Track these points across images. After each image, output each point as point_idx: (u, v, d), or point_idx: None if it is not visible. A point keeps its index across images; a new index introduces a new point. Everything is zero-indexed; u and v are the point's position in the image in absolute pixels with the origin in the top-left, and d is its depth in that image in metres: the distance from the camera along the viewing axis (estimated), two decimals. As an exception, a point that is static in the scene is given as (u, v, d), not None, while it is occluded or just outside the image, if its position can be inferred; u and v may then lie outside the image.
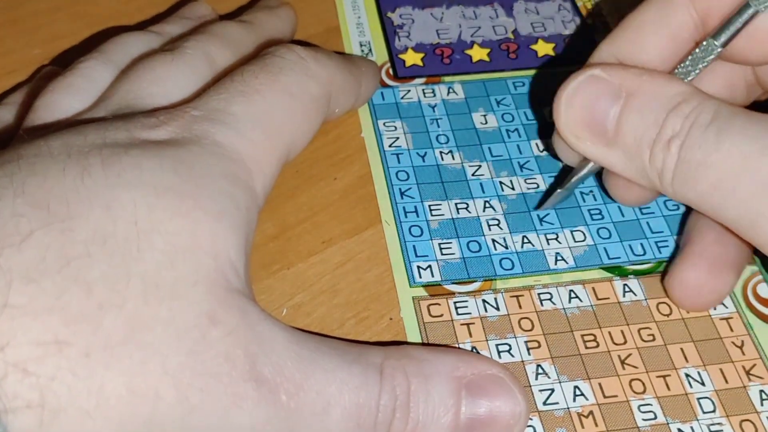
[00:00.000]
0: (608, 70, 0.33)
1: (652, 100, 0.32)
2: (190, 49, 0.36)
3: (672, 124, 0.31)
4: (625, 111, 0.33)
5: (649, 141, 0.32)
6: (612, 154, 0.33)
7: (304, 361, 0.28)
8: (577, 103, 0.34)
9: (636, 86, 0.32)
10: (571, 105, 0.34)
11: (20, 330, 0.23)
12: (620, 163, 0.33)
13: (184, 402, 0.25)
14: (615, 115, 0.33)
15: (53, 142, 0.28)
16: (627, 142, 0.33)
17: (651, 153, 0.32)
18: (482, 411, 0.30)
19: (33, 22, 0.47)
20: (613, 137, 0.33)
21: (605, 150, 0.34)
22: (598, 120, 0.33)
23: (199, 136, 0.30)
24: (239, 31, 0.39)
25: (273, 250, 0.37)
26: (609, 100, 0.33)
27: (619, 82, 0.33)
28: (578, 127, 0.34)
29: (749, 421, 0.32)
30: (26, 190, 0.26)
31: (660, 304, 0.36)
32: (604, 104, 0.33)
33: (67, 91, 0.34)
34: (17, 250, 0.24)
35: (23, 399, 0.23)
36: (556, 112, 0.34)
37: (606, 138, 0.33)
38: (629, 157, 0.33)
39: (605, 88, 0.33)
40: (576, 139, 0.34)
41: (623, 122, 0.33)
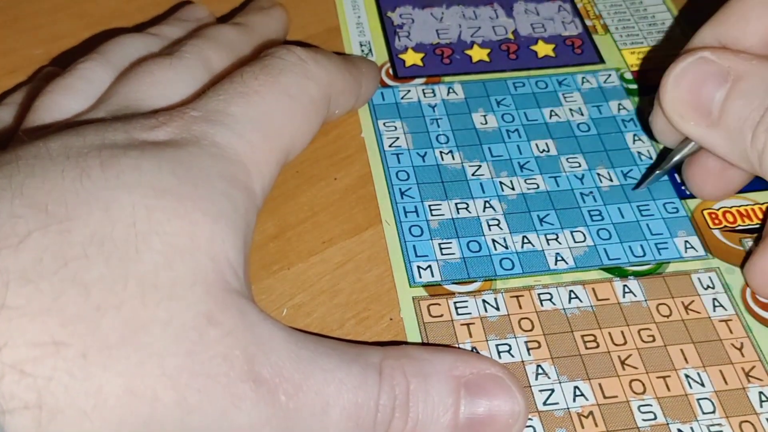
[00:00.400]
0: (718, 54, 0.34)
1: (759, 85, 0.33)
2: (187, 53, 0.36)
3: None
4: (732, 93, 0.34)
5: (752, 123, 0.33)
6: (714, 135, 0.34)
7: (302, 362, 0.28)
8: (685, 83, 0.35)
9: (744, 70, 0.34)
10: (678, 85, 0.35)
11: (17, 331, 0.23)
12: (722, 145, 0.34)
13: (182, 403, 0.25)
14: (721, 98, 0.34)
15: (52, 144, 0.28)
16: (731, 124, 0.34)
17: (753, 135, 0.33)
18: (481, 410, 0.30)
19: (34, 21, 0.47)
20: (717, 118, 0.34)
21: (708, 131, 0.35)
22: (703, 101, 0.34)
23: (197, 137, 0.30)
24: (234, 34, 0.39)
25: (273, 250, 0.37)
26: (716, 83, 0.34)
27: (728, 65, 0.34)
28: (683, 106, 0.35)
29: (749, 422, 0.32)
30: (24, 191, 0.26)
31: (660, 305, 0.36)
32: (711, 86, 0.34)
33: (65, 92, 0.35)
34: (15, 252, 0.24)
35: (21, 400, 0.23)
36: (663, 90, 0.35)
37: (710, 119, 0.34)
38: (731, 139, 0.34)
39: (714, 70, 0.34)
40: (680, 119, 0.35)
41: (729, 104, 0.34)
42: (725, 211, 0.39)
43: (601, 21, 0.49)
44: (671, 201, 0.39)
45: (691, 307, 0.36)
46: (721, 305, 0.36)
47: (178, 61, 0.35)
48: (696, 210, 0.39)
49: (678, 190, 0.40)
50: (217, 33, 0.38)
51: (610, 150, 0.42)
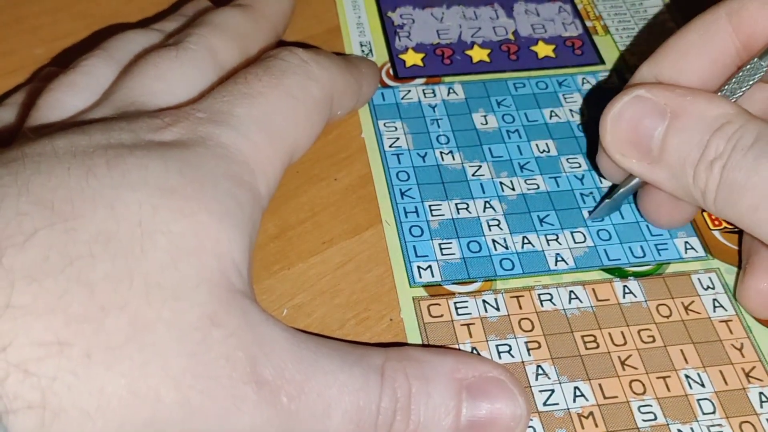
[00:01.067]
0: (653, 91, 0.34)
1: (696, 121, 0.33)
2: (192, 44, 0.36)
3: (715, 145, 0.32)
4: (670, 131, 0.33)
5: (693, 161, 0.33)
6: (657, 172, 0.34)
7: (304, 363, 0.28)
8: (623, 122, 0.35)
9: (680, 106, 0.33)
10: (616, 124, 0.35)
11: (22, 330, 0.23)
12: (665, 181, 0.34)
13: (184, 404, 0.25)
14: (660, 135, 0.34)
15: (58, 142, 0.28)
16: (672, 162, 0.34)
17: (695, 173, 0.33)
18: (483, 413, 0.30)
19: (34, 21, 0.47)
20: (658, 156, 0.34)
21: (650, 167, 0.35)
22: (643, 139, 0.34)
23: (203, 137, 0.30)
24: (240, 18, 0.38)
25: (274, 251, 0.37)
26: (654, 120, 0.34)
27: (664, 102, 0.34)
28: (624, 145, 0.35)
29: (749, 422, 0.32)
30: (31, 189, 0.26)
31: (660, 305, 0.36)
32: (649, 124, 0.34)
33: (69, 89, 0.34)
34: (20, 250, 0.24)
35: (24, 400, 0.23)
36: (602, 130, 0.35)
37: (651, 156, 0.34)
38: (674, 176, 0.34)
39: (650, 108, 0.34)
40: (622, 157, 0.35)
41: (668, 142, 0.34)
42: (725, 212, 0.39)
43: (601, 22, 0.49)
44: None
45: (691, 308, 0.36)
46: (721, 306, 0.36)
47: (183, 53, 0.35)
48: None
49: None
50: (221, 18, 0.38)
51: (610, 150, 0.42)
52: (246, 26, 0.38)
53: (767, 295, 0.35)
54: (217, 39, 0.36)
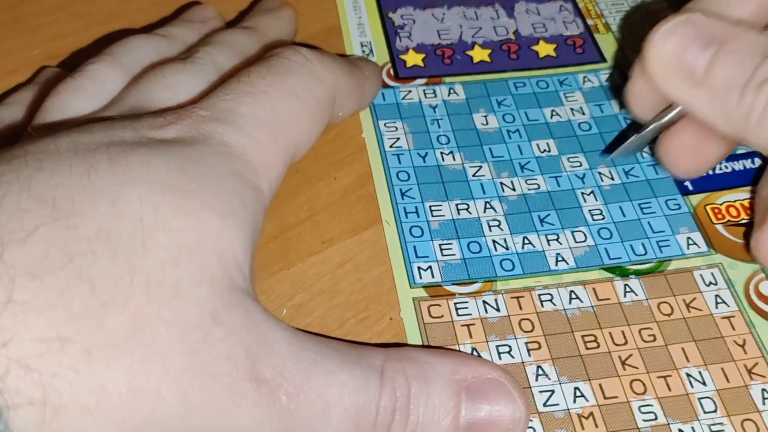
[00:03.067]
0: (705, 16, 0.34)
1: (747, 46, 0.33)
2: (200, 60, 0.36)
3: (765, 69, 0.32)
4: (720, 54, 0.33)
5: (740, 83, 0.32)
6: (698, 95, 0.34)
7: (304, 363, 0.28)
8: (671, 42, 0.34)
9: (732, 34, 0.33)
10: (664, 44, 0.34)
11: (23, 326, 0.23)
12: (705, 106, 0.34)
13: (184, 401, 0.25)
14: (707, 58, 0.33)
15: (61, 140, 0.28)
16: (716, 84, 0.33)
17: (741, 94, 0.32)
18: (482, 415, 0.30)
19: (34, 21, 0.47)
20: (702, 78, 0.33)
21: (692, 91, 0.34)
22: (689, 61, 0.33)
23: (206, 135, 0.30)
24: (245, 39, 0.39)
25: (273, 250, 0.37)
26: (703, 44, 0.33)
27: (716, 28, 0.33)
28: (668, 65, 0.34)
29: (751, 420, 0.32)
30: (32, 186, 0.26)
31: (661, 303, 0.36)
32: (698, 46, 0.33)
33: (75, 93, 0.35)
34: (22, 246, 0.24)
35: (25, 396, 0.23)
36: (647, 49, 0.35)
37: (694, 79, 0.33)
38: (716, 99, 0.33)
39: (701, 32, 0.33)
40: (662, 78, 0.34)
41: (716, 64, 0.33)
42: (728, 205, 0.39)
43: (602, 20, 0.48)
44: (673, 197, 0.39)
45: (692, 305, 0.36)
46: (723, 302, 0.36)
47: (191, 66, 0.35)
48: (698, 206, 0.39)
49: (680, 186, 0.40)
50: (227, 38, 0.38)
51: (611, 149, 0.42)
52: (250, 46, 0.39)
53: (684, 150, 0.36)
54: (223, 56, 0.37)
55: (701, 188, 0.40)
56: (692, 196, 0.40)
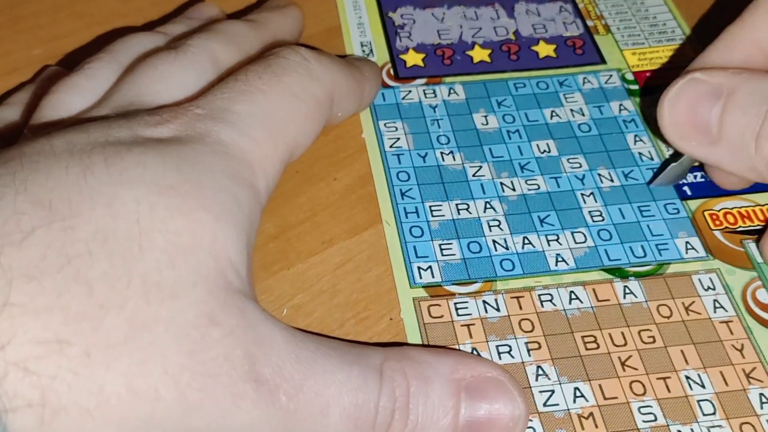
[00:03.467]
0: (708, 72, 0.35)
1: (753, 95, 0.34)
2: (193, 47, 0.36)
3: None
4: (728, 108, 0.34)
5: (753, 133, 0.33)
6: (718, 152, 0.35)
7: (303, 362, 0.28)
8: (680, 105, 0.36)
9: (736, 84, 0.34)
10: (674, 108, 0.36)
11: (21, 329, 0.23)
12: (727, 160, 0.35)
13: (183, 402, 0.25)
14: (717, 114, 0.35)
15: (56, 141, 0.28)
16: (731, 138, 0.34)
17: (756, 144, 0.33)
18: (481, 414, 0.30)
19: (34, 21, 0.47)
20: (717, 135, 0.35)
21: (711, 149, 0.35)
22: (701, 120, 0.35)
23: (202, 134, 0.30)
24: (244, 29, 0.39)
25: (273, 251, 0.37)
26: (711, 100, 0.35)
27: (720, 82, 0.35)
28: (683, 128, 0.36)
29: (749, 423, 0.32)
30: (28, 187, 0.26)
31: (660, 306, 0.36)
32: (706, 104, 0.35)
33: (72, 90, 0.35)
34: (18, 248, 0.24)
35: (24, 398, 0.23)
36: (660, 115, 0.36)
37: (710, 137, 0.35)
38: (735, 152, 0.35)
39: (706, 89, 0.35)
40: (681, 141, 0.36)
41: (726, 119, 0.34)
42: (726, 212, 0.39)
43: (602, 21, 0.48)
44: (672, 202, 0.39)
45: (691, 308, 0.36)
46: (721, 306, 0.36)
47: (183, 55, 0.35)
48: (697, 211, 0.39)
49: (679, 191, 0.40)
50: (225, 27, 0.38)
51: (611, 150, 0.42)
52: (248, 35, 0.39)
53: None
54: (218, 44, 0.37)
55: (700, 194, 0.40)
56: (691, 201, 0.40)
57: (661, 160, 0.41)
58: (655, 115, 0.37)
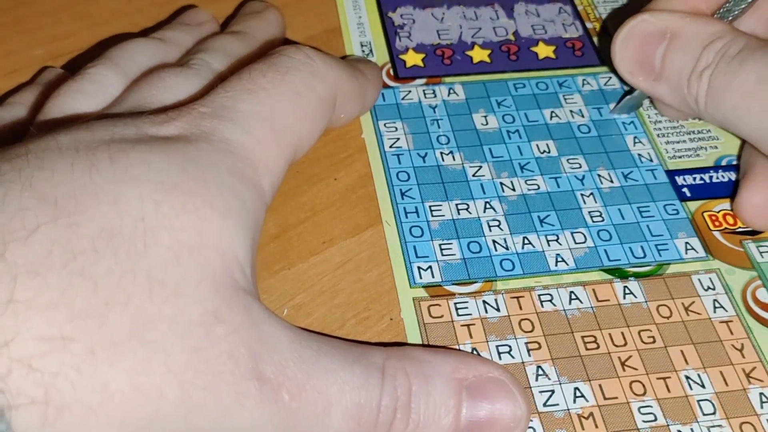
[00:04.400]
0: (656, 15, 0.39)
1: (691, 40, 0.38)
2: (196, 65, 0.36)
3: (705, 57, 0.37)
4: (669, 49, 0.39)
5: (686, 73, 0.38)
6: (660, 88, 0.40)
7: (306, 361, 0.28)
8: (630, 44, 0.40)
9: (679, 28, 0.39)
10: (624, 46, 0.40)
11: (25, 325, 0.23)
12: (667, 95, 0.40)
13: (187, 400, 0.25)
14: (661, 54, 0.39)
15: (62, 138, 0.28)
16: (671, 76, 0.39)
17: (688, 83, 0.38)
18: (483, 413, 0.30)
19: (34, 22, 0.47)
20: (660, 72, 0.39)
21: (654, 84, 0.40)
22: (647, 58, 0.40)
23: (207, 132, 0.30)
24: (237, 45, 0.39)
25: (274, 250, 0.37)
26: (656, 41, 0.39)
27: (665, 24, 0.39)
28: (631, 64, 0.40)
29: (749, 423, 0.32)
30: (34, 184, 0.26)
31: (660, 306, 0.36)
32: (652, 44, 0.39)
33: (76, 95, 0.35)
34: (23, 244, 0.24)
35: (27, 395, 0.23)
36: (612, 51, 0.41)
37: (654, 73, 0.40)
38: (673, 89, 0.39)
39: (653, 30, 0.39)
40: (630, 75, 0.41)
41: (667, 59, 0.39)
42: (725, 213, 0.39)
43: (601, 23, 0.49)
44: (671, 203, 0.39)
45: (691, 308, 0.36)
46: (721, 306, 0.36)
47: (188, 69, 0.36)
48: (696, 212, 0.39)
49: (678, 192, 0.40)
50: (220, 44, 0.39)
51: (610, 151, 0.42)
52: (241, 50, 0.39)
53: (761, 207, 0.38)
54: (217, 61, 0.37)
55: (699, 195, 0.40)
56: (690, 202, 0.40)
57: (660, 161, 0.41)
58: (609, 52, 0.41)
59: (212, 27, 0.43)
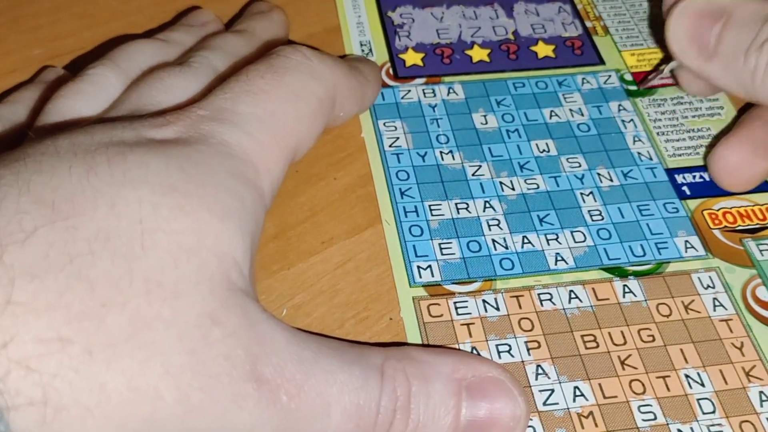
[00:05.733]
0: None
1: (751, 16, 0.38)
2: (196, 63, 0.36)
3: (765, 31, 0.37)
4: (726, 27, 0.38)
5: (744, 47, 0.37)
6: (711, 67, 0.39)
7: (305, 362, 0.28)
8: (686, 20, 0.39)
9: (736, 6, 0.38)
10: (679, 21, 0.40)
11: (23, 327, 0.23)
12: (718, 74, 0.39)
13: (184, 401, 0.25)
14: (717, 32, 0.38)
15: (60, 141, 0.28)
16: (726, 52, 0.38)
17: (746, 56, 0.37)
18: (482, 413, 0.30)
19: (34, 22, 0.47)
20: (713, 51, 0.39)
21: (706, 63, 0.39)
22: (701, 37, 0.39)
23: (206, 135, 0.30)
24: (240, 43, 0.39)
25: (273, 250, 0.37)
26: (713, 19, 0.39)
27: (722, 3, 0.38)
28: (684, 41, 0.40)
29: (749, 422, 0.32)
30: (31, 188, 0.26)
31: (660, 305, 0.36)
32: (708, 22, 0.39)
33: (76, 96, 0.35)
34: (21, 247, 0.24)
35: (26, 396, 0.23)
36: (667, 26, 0.40)
37: (707, 52, 0.39)
38: (727, 66, 0.38)
39: (711, 8, 0.39)
40: (681, 52, 0.40)
41: (724, 36, 0.38)
42: (725, 211, 0.39)
43: (601, 23, 0.49)
44: (671, 201, 0.39)
45: (691, 307, 0.36)
46: (721, 305, 0.36)
47: (188, 69, 0.36)
48: (696, 210, 0.39)
49: (678, 190, 0.40)
50: (222, 43, 0.39)
51: (610, 150, 0.42)
52: (244, 50, 0.39)
53: (730, 165, 0.39)
54: (219, 60, 0.37)
55: (698, 194, 0.40)
56: (690, 200, 0.40)
57: (660, 160, 0.41)
58: None
59: (216, 27, 0.43)
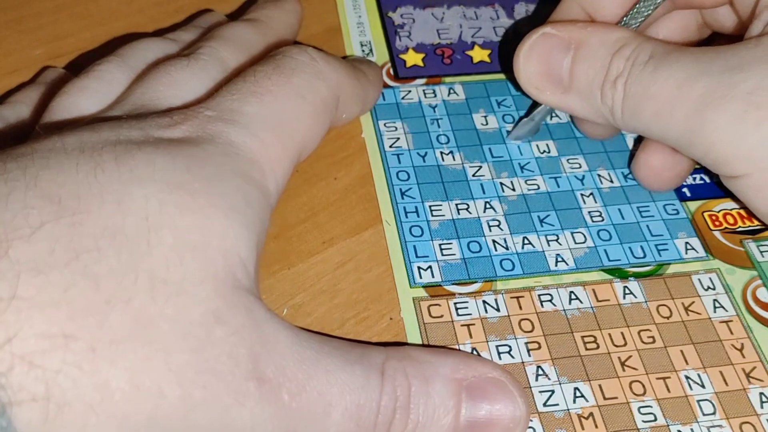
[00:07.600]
0: (557, 27, 0.38)
1: (597, 48, 0.37)
2: (204, 55, 0.36)
3: (616, 65, 0.36)
4: (576, 59, 0.37)
5: (598, 83, 0.36)
6: (570, 100, 0.38)
7: (306, 362, 0.28)
8: (534, 58, 0.38)
9: (583, 37, 0.37)
10: (528, 60, 0.38)
11: (27, 322, 0.23)
12: (578, 107, 0.38)
13: (186, 399, 0.25)
14: (568, 65, 0.37)
15: (68, 138, 0.28)
16: (581, 87, 0.37)
17: (601, 93, 0.36)
18: (482, 414, 0.30)
19: (35, 22, 0.47)
20: (568, 85, 0.38)
21: (563, 97, 0.38)
22: (554, 71, 0.38)
23: (212, 135, 0.30)
24: (250, 32, 0.39)
25: (273, 250, 0.37)
26: (561, 53, 0.37)
27: (568, 36, 0.37)
28: (537, 79, 0.38)
29: (749, 423, 0.32)
30: (38, 183, 0.26)
31: (660, 306, 0.36)
32: (557, 57, 0.38)
33: (82, 93, 0.35)
34: (27, 242, 0.24)
35: (29, 392, 0.23)
36: (516, 68, 0.39)
37: (562, 86, 0.38)
38: (585, 100, 0.37)
39: (556, 42, 0.38)
40: (537, 91, 0.39)
41: (575, 70, 0.37)
42: (726, 213, 0.39)
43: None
44: (671, 203, 0.39)
45: (691, 308, 0.36)
46: (721, 306, 0.36)
47: (195, 62, 0.35)
48: (696, 212, 0.39)
49: (678, 192, 0.40)
50: (231, 33, 0.38)
51: (610, 151, 0.42)
52: (254, 39, 0.39)
53: (654, 167, 0.39)
54: (228, 51, 0.37)
55: (699, 195, 0.40)
56: (690, 202, 0.40)
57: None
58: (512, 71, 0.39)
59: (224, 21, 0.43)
